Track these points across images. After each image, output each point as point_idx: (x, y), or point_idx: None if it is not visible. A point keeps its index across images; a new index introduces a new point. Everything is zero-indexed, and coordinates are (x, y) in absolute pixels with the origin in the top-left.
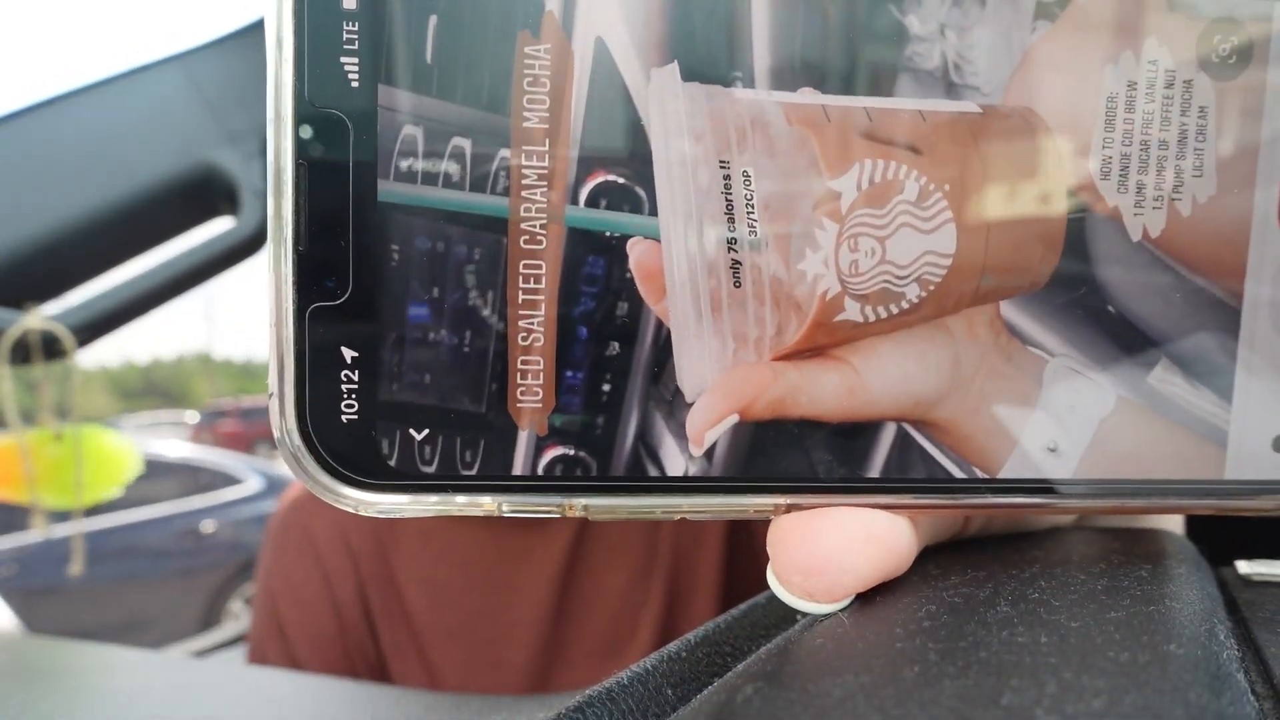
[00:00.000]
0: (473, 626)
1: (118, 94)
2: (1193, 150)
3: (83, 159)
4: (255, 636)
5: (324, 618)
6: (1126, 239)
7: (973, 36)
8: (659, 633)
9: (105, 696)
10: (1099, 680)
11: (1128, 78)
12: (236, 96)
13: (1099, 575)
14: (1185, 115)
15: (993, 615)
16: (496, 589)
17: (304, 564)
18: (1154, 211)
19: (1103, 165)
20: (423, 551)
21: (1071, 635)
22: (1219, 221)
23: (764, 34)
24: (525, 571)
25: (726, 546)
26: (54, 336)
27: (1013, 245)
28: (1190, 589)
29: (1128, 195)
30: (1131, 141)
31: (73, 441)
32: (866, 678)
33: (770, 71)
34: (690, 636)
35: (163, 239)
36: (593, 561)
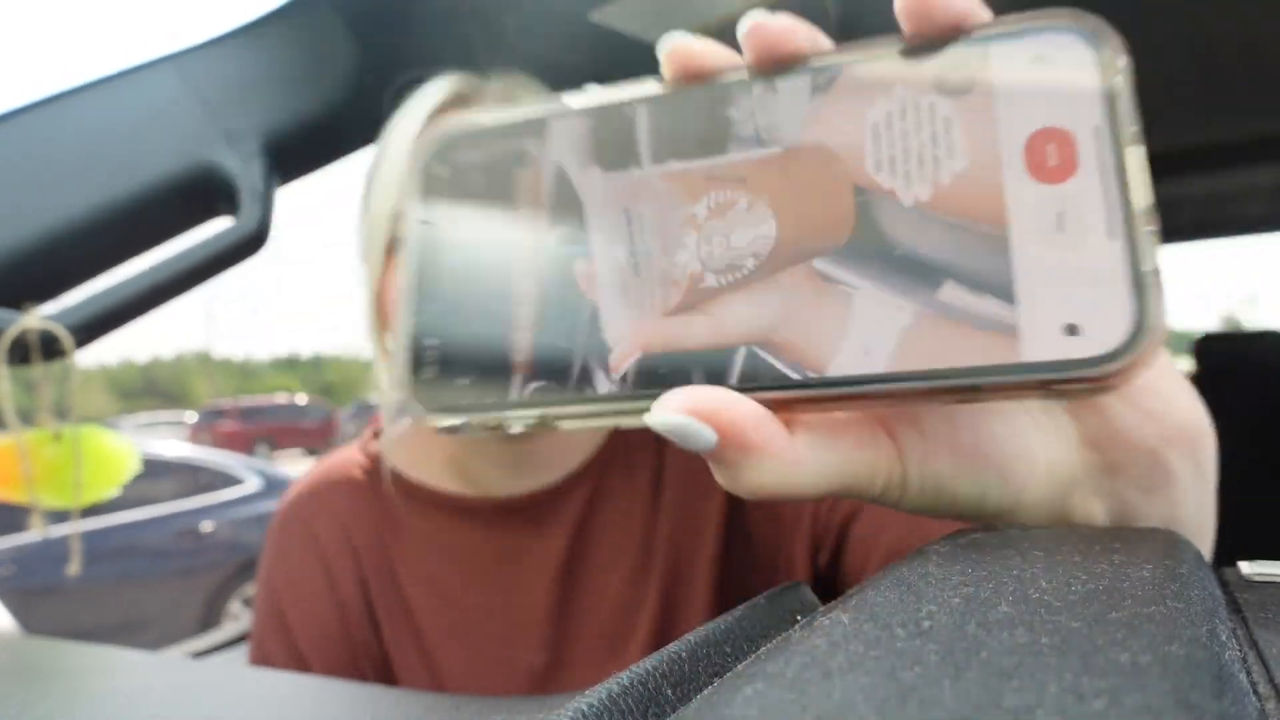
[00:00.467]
0: (474, 624)
1: (114, 94)
2: (943, 143)
3: (80, 159)
4: (258, 633)
5: (327, 614)
6: (901, 206)
7: (770, 110)
8: (656, 631)
9: (103, 697)
10: (1100, 681)
11: (885, 110)
12: (234, 96)
13: (1100, 575)
14: (931, 124)
15: (993, 615)
16: (496, 588)
17: (307, 560)
18: (920, 185)
19: (876, 165)
20: (423, 550)
21: (1073, 635)
22: (974, 182)
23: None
24: (524, 570)
25: (723, 544)
26: (52, 336)
27: (815, 225)
28: (1192, 589)
29: (898, 180)
30: (894, 146)
31: (71, 441)
32: (866, 679)
33: (653, 155)
34: (690, 637)
35: (161, 239)
36: (590, 561)
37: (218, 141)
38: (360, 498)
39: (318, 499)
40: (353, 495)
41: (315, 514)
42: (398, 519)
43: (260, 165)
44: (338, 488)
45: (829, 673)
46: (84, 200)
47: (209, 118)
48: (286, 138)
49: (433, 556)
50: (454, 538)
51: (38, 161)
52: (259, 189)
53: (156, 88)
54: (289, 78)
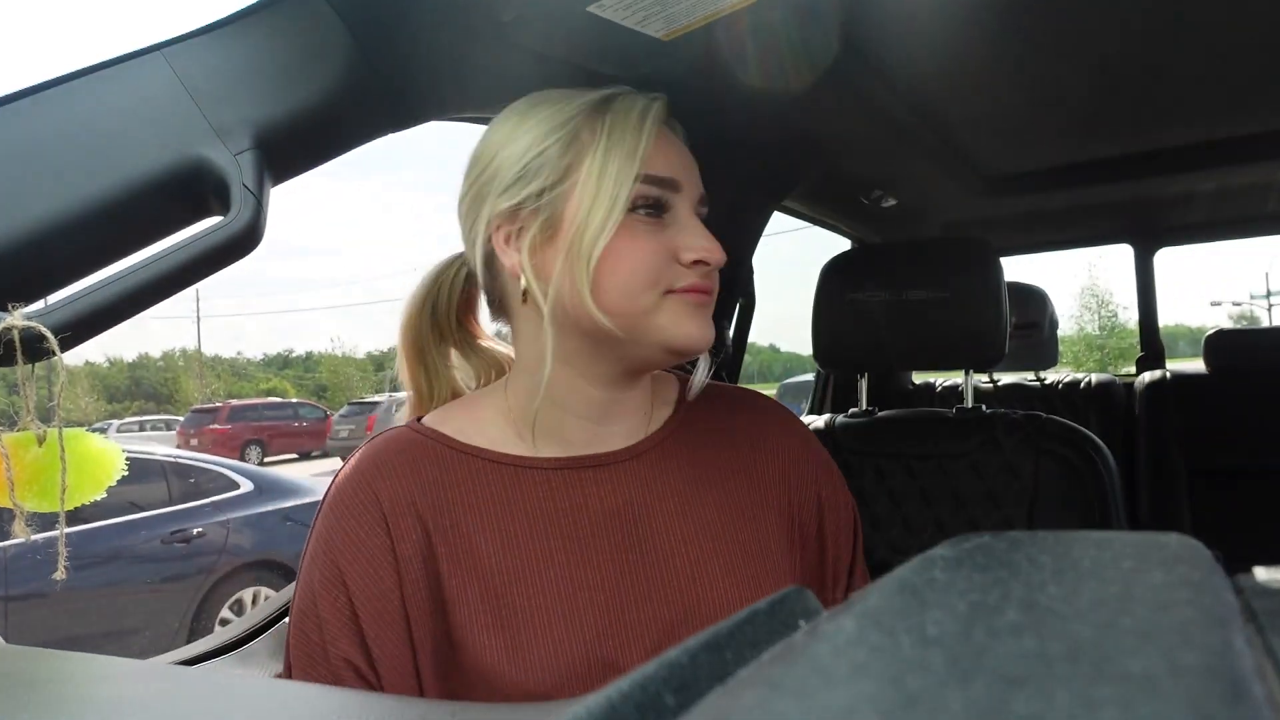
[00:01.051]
0: (540, 568)
1: (101, 85)
2: None
3: (65, 153)
4: (309, 590)
5: (385, 571)
6: None
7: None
8: (720, 574)
9: (88, 707)
10: (1111, 690)
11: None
12: (225, 88)
13: (1111, 581)
14: None
15: (1001, 622)
16: (559, 535)
17: (368, 521)
18: None
19: None
20: (489, 505)
21: (1083, 643)
22: None
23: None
24: (586, 520)
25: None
26: (38, 336)
27: None
28: (1206, 596)
29: None
30: None
31: (55, 444)
32: (871, 686)
33: None
34: (691, 642)
35: (150, 236)
36: (651, 513)
37: (208, 135)
38: (422, 464)
39: (380, 466)
40: (414, 462)
41: (377, 478)
42: (461, 479)
43: (252, 160)
44: (401, 455)
45: (832, 680)
46: (70, 196)
47: (199, 110)
48: (279, 132)
49: (499, 510)
50: (518, 493)
51: (20, 156)
52: (251, 185)
53: (145, 79)
54: (281, 70)
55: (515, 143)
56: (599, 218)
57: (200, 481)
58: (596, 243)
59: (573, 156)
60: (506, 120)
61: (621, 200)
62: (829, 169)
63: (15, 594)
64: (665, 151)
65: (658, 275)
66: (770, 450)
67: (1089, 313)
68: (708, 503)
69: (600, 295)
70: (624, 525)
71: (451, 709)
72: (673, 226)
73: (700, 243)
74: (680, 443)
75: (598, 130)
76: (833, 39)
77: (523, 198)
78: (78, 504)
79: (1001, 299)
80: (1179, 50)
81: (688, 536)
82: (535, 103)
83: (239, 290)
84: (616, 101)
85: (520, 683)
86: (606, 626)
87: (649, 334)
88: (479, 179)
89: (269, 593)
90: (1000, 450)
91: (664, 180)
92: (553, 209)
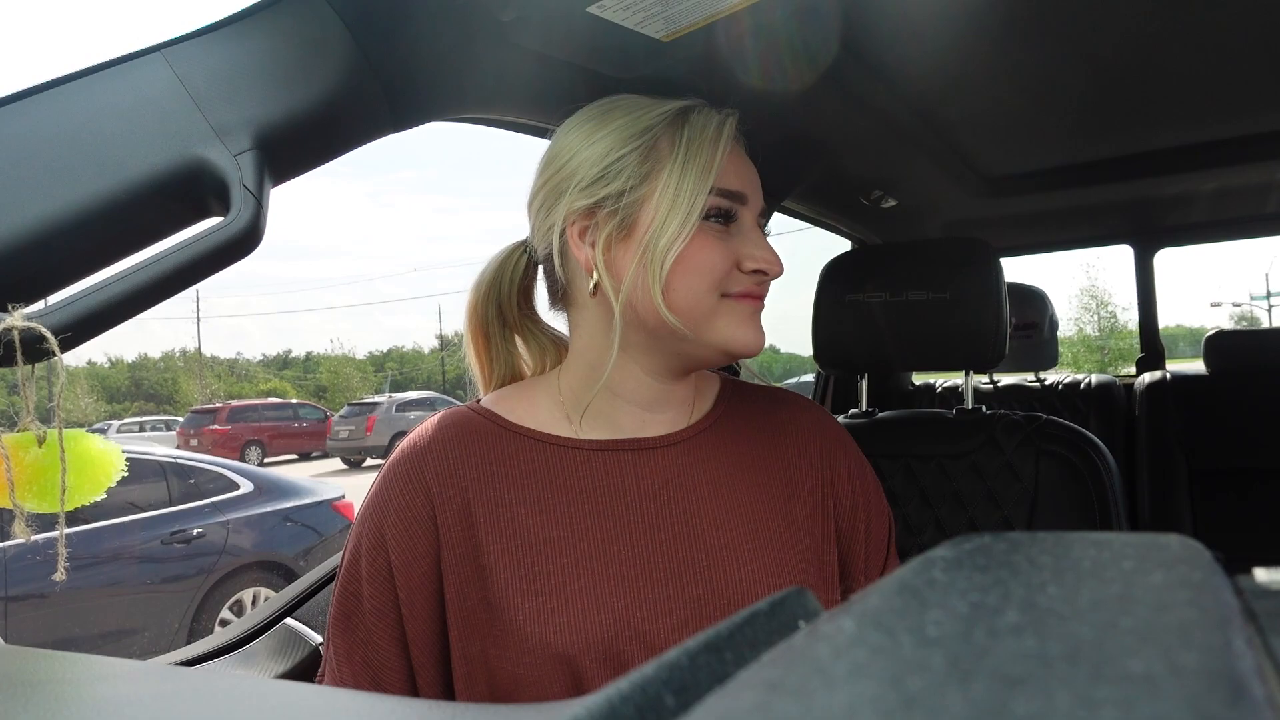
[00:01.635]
0: (577, 538)
1: (100, 85)
2: None
3: (65, 154)
4: (355, 549)
5: (423, 536)
6: None
7: None
8: (746, 557)
9: (87, 708)
10: (1112, 690)
11: None
12: (225, 89)
13: (1111, 582)
14: None
15: (1001, 622)
16: (596, 510)
17: (411, 491)
18: None
19: None
20: (533, 479)
21: (1083, 643)
22: None
23: None
24: (624, 497)
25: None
26: (38, 337)
27: None
28: (1206, 597)
29: None
30: None
31: (55, 445)
32: (871, 687)
33: None
34: (691, 643)
35: (150, 237)
36: (688, 493)
37: (208, 136)
38: (472, 440)
39: (432, 441)
40: (465, 438)
41: (427, 453)
42: (507, 455)
43: (252, 161)
44: (453, 431)
45: (832, 680)
46: (70, 197)
47: (199, 111)
48: (279, 132)
49: (539, 484)
50: (559, 470)
51: (20, 156)
52: (251, 186)
53: (145, 79)
54: (281, 70)
55: (595, 145)
56: (675, 224)
57: (200, 482)
58: (671, 248)
59: (652, 164)
60: (584, 123)
61: (697, 210)
62: (829, 169)
63: (15, 594)
64: (735, 165)
65: (721, 280)
66: (805, 446)
67: (1088, 314)
68: (741, 490)
69: (669, 295)
70: (659, 505)
71: (452, 709)
72: (738, 236)
73: (763, 253)
74: (719, 434)
75: (676, 141)
76: (833, 39)
77: (601, 197)
78: (78, 504)
79: (1001, 300)
80: (1179, 50)
81: (719, 520)
82: (611, 107)
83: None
84: (693, 115)
85: (550, 643)
86: (636, 598)
87: (709, 335)
88: (556, 175)
89: (269, 593)
90: (1000, 451)
91: (734, 194)
92: (629, 211)
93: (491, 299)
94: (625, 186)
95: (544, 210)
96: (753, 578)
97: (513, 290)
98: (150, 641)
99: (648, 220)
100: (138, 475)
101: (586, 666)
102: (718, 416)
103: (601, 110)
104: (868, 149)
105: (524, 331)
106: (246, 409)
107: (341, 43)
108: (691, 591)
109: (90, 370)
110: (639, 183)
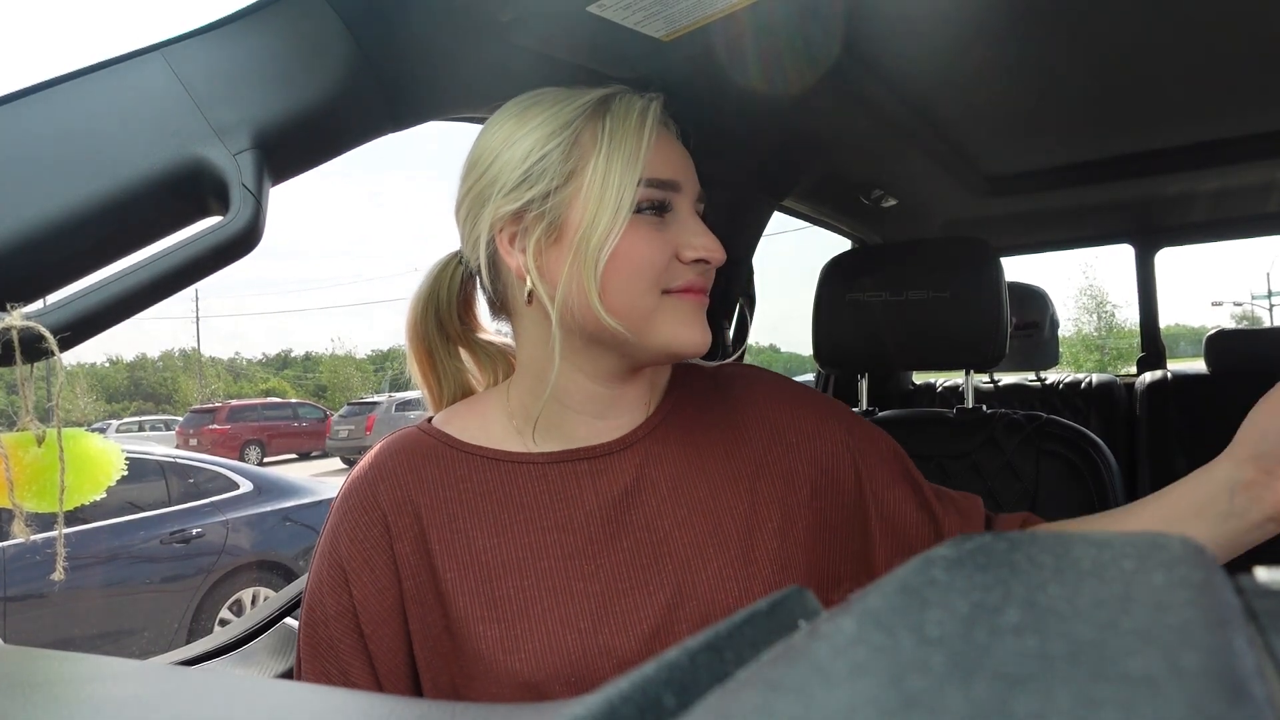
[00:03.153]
0: (536, 557)
1: (99, 86)
2: None
3: (64, 153)
4: (317, 585)
5: (383, 569)
6: None
7: None
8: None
9: (87, 707)
10: (1113, 690)
11: None
12: (225, 88)
13: (1112, 581)
14: None
15: (1001, 622)
16: (551, 525)
17: (367, 522)
18: None
19: None
20: (486, 498)
21: (1083, 644)
22: None
23: None
24: (578, 510)
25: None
26: (37, 337)
27: None
28: (1207, 597)
29: None
30: None
31: (55, 444)
32: (871, 686)
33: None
34: (691, 643)
35: (149, 236)
36: (640, 502)
37: (207, 135)
38: (424, 463)
39: (382, 467)
40: (416, 462)
41: (379, 480)
42: (459, 477)
43: (252, 160)
44: (404, 455)
45: (832, 680)
46: (69, 196)
47: (198, 110)
48: (279, 132)
49: (494, 505)
50: (513, 488)
51: (20, 156)
52: (250, 185)
53: (144, 79)
54: (281, 70)
55: (515, 146)
56: (605, 221)
57: (199, 481)
58: (604, 246)
59: (576, 160)
60: (503, 122)
61: (626, 204)
62: (829, 169)
63: (15, 594)
64: (665, 152)
65: (660, 274)
66: (762, 416)
67: (1086, 314)
68: (702, 481)
69: (606, 297)
70: (619, 514)
71: (451, 709)
72: (674, 225)
73: (702, 240)
74: (674, 427)
75: (599, 133)
76: (833, 39)
77: (526, 200)
78: (77, 504)
79: (1001, 299)
80: (1179, 50)
81: (682, 519)
82: (531, 104)
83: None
84: (615, 103)
85: (517, 672)
86: (603, 615)
87: (650, 336)
88: (479, 181)
89: (268, 593)
90: (1001, 450)
91: (665, 182)
92: (557, 212)
93: (430, 314)
94: (550, 187)
95: (470, 219)
96: (720, 572)
97: (452, 303)
98: (150, 641)
99: (577, 220)
100: (137, 475)
101: (556, 691)
102: (670, 409)
103: (521, 108)
104: (868, 148)
105: (469, 345)
106: (246, 408)
107: (341, 42)
108: (660, 598)
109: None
110: (564, 182)
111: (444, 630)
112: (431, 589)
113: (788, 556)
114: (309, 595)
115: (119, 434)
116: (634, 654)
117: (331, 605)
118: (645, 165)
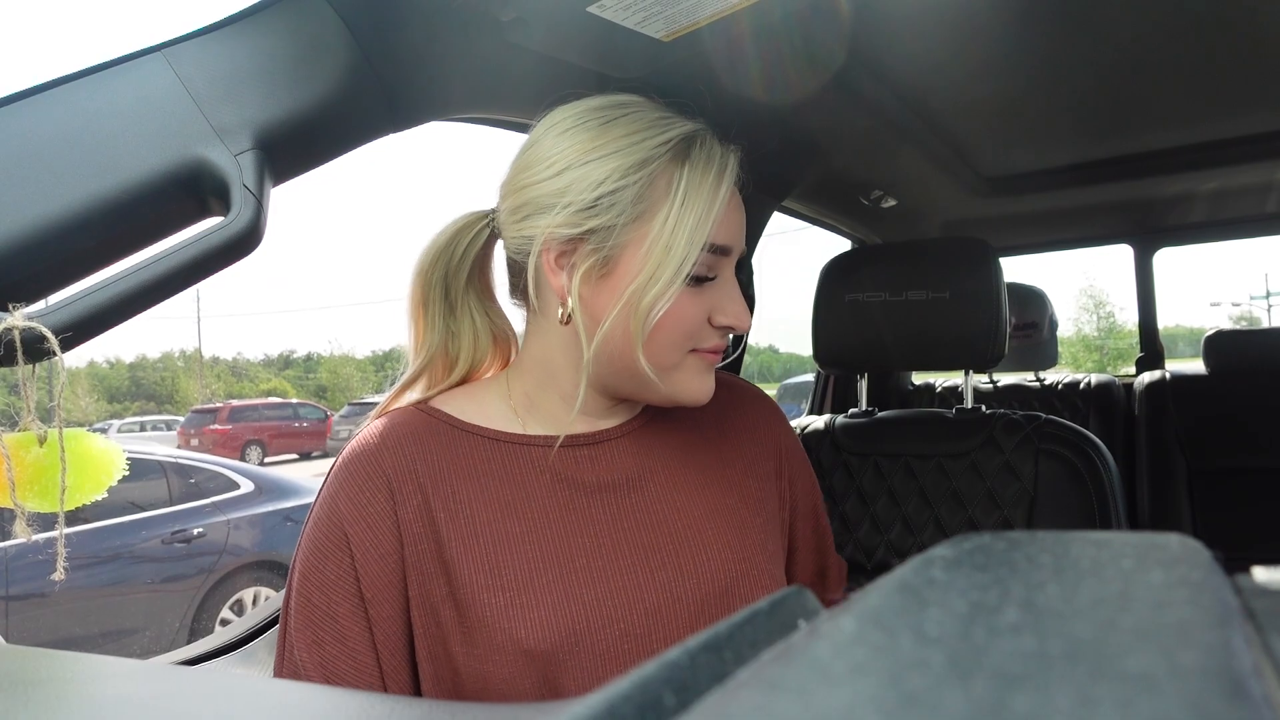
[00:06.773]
0: (539, 533)
1: (100, 86)
2: None
3: (65, 154)
4: (315, 552)
5: (387, 534)
6: None
7: None
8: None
9: (89, 706)
10: (1111, 689)
11: None
12: (226, 89)
13: (1110, 581)
14: None
15: (1000, 621)
16: (554, 505)
17: (372, 488)
18: None
19: None
20: (488, 477)
21: (1082, 643)
22: None
23: None
24: (580, 493)
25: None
26: (38, 337)
27: None
28: (1205, 596)
29: None
30: None
31: (56, 444)
32: (871, 686)
33: None
34: (691, 643)
35: (151, 237)
36: (641, 486)
37: (209, 136)
38: (425, 438)
39: (385, 440)
40: (418, 436)
41: (382, 451)
42: (462, 454)
43: (253, 161)
44: (405, 429)
45: (832, 679)
46: (70, 196)
47: (199, 111)
48: (280, 132)
49: (497, 481)
50: (515, 467)
51: (20, 156)
52: (251, 186)
53: (145, 79)
54: (281, 70)
55: (590, 167)
56: (663, 280)
57: (200, 481)
58: (657, 304)
59: (647, 205)
60: (580, 129)
61: (688, 267)
62: (829, 169)
63: (15, 594)
64: (729, 213)
65: (693, 335)
66: (752, 422)
67: (1085, 314)
68: (696, 472)
69: (645, 346)
70: (618, 497)
71: (452, 709)
72: (715, 288)
73: (735, 309)
74: (669, 420)
75: (675, 181)
76: (833, 40)
77: (587, 229)
78: (78, 504)
79: (1001, 299)
80: (1179, 51)
81: (680, 505)
82: (612, 118)
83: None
84: (695, 151)
85: (521, 639)
86: (606, 587)
87: (665, 384)
88: (543, 183)
89: (269, 593)
90: (1000, 450)
91: (723, 248)
92: (616, 251)
93: (439, 268)
94: (616, 223)
95: (520, 214)
96: (719, 557)
97: (463, 264)
98: (151, 641)
99: (634, 267)
100: (138, 475)
101: (559, 660)
102: (659, 408)
103: (601, 121)
104: (867, 149)
105: (466, 314)
106: (247, 409)
107: (341, 42)
108: (661, 577)
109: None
110: (630, 222)
111: (446, 598)
112: (435, 557)
113: (766, 537)
114: (302, 564)
115: (121, 434)
116: (638, 626)
117: (332, 570)
118: (714, 229)
